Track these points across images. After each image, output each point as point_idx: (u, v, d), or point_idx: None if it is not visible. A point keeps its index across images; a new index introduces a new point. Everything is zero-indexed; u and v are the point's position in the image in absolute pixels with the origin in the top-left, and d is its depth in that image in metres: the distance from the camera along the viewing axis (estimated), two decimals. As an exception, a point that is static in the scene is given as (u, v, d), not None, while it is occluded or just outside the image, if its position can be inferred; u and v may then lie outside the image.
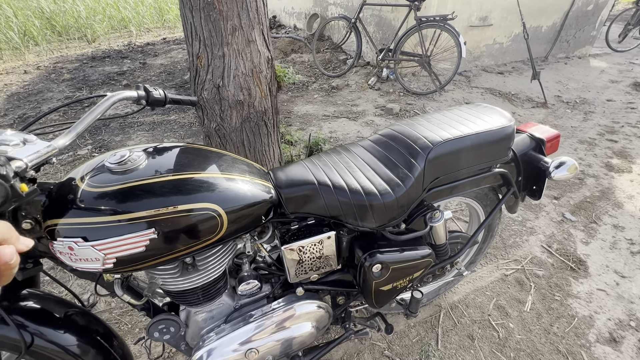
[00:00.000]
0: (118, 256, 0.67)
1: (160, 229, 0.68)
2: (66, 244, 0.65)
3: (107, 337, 0.91)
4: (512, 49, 4.76)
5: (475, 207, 1.33)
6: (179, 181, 0.72)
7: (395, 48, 3.81)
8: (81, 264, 0.68)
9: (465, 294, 1.65)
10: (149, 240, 0.68)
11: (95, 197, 0.67)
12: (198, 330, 0.98)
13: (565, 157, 1.14)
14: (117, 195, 0.67)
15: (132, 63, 5.22)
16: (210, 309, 0.97)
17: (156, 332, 0.91)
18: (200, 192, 0.73)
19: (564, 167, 1.11)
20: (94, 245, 0.65)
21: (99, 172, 0.71)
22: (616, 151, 2.86)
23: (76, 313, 0.87)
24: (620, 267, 1.78)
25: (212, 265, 0.85)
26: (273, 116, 1.87)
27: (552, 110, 3.66)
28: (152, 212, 0.67)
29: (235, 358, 0.93)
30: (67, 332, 0.82)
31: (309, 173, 0.95)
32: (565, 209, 2.20)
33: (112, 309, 1.57)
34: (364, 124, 3.26)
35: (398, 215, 0.95)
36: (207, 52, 1.57)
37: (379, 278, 0.97)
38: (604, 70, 4.88)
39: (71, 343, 0.82)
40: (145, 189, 0.69)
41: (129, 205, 0.67)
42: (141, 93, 0.85)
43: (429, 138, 0.97)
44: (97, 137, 3.08)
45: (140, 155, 0.74)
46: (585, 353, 1.39)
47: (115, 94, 0.78)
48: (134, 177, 0.70)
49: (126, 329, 1.48)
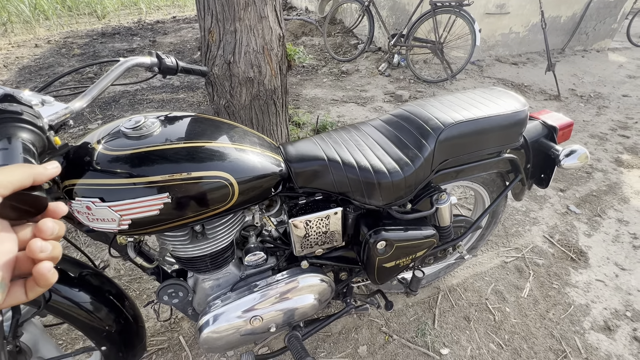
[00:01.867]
0: (133, 218, 0.70)
1: (174, 194, 0.70)
2: (84, 204, 0.67)
3: (119, 297, 0.96)
4: (528, 39, 4.64)
5: (482, 192, 1.34)
6: (192, 149, 0.74)
7: (408, 34, 3.74)
8: (98, 224, 0.70)
9: (464, 278, 1.67)
10: (163, 204, 0.70)
11: (111, 160, 0.68)
12: (205, 297, 1.02)
13: (577, 145, 1.12)
14: (132, 159, 0.69)
15: (141, 40, 5.20)
16: (217, 277, 1.00)
17: (165, 296, 0.95)
18: (213, 161, 0.74)
19: (575, 155, 1.09)
20: (110, 206, 0.67)
21: (114, 136, 0.72)
22: (627, 147, 2.82)
23: (90, 274, 0.91)
24: (621, 260, 1.79)
25: (221, 235, 0.88)
26: (282, 95, 1.87)
27: (565, 103, 3.60)
28: (167, 177, 0.69)
29: (239, 324, 0.97)
30: (82, 291, 0.87)
31: (319, 149, 0.96)
32: (571, 201, 2.20)
33: (121, 276, 1.63)
34: (373, 110, 3.24)
35: (405, 194, 0.96)
36: (219, 27, 1.57)
37: (382, 255, 0.99)
38: (622, 65, 4.74)
39: (85, 300, 0.87)
40: (160, 154, 0.70)
41: (144, 170, 0.68)
42: (154, 60, 0.86)
43: (440, 119, 0.96)
44: (107, 112, 3.12)
45: (155, 122, 0.76)
46: (578, 339, 1.42)
47: (128, 59, 0.79)
48: (148, 143, 0.71)
49: (134, 295, 1.54)
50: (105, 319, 0.89)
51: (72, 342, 1.35)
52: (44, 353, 0.94)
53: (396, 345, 1.39)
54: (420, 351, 1.37)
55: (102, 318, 0.89)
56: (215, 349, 1.00)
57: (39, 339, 0.93)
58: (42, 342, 0.94)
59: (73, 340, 1.35)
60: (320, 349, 1.37)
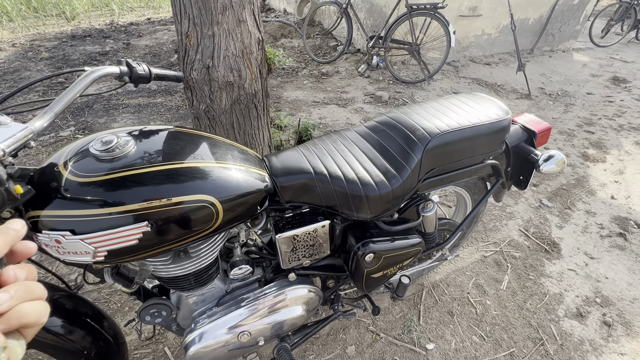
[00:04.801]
0: (109, 249, 0.65)
1: (154, 221, 0.66)
2: (53, 237, 0.61)
3: (96, 317, 0.91)
4: (499, 40, 4.82)
5: (464, 195, 1.38)
6: (171, 171, 0.69)
7: (385, 35, 3.81)
8: (70, 257, 0.65)
9: (447, 274, 1.73)
10: (142, 233, 0.66)
11: (81, 186, 0.62)
12: (190, 313, 0.99)
13: (554, 150, 1.15)
14: (106, 185, 0.63)
15: (115, 43, 5.03)
16: (202, 292, 0.98)
17: (148, 316, 0.91)
18: (195, 183, 0.70)
19: (553, 160, 1.12)
20: (83, 239, 0.61)
21: (83, 157, 0.66)
22: (592, 142, 2.99)
23: (62, 296, 0.86)
24: (590, 249, 1.89)
25: (205, 253, 0.85)
26: (263, 99, 1.87)
27: (535, 101, 3.77)
28: (145, 204, 0.64)
29: (227, 340, 0.95)
30: (53, 316, 0.81)
31: (304, 161, 0.94)
32: (543, 195, 2.31)
33: (100, 289, 1.57)
34: (353, 111, 3.28)
35: (393, 206, 0.96)
36: (196, 31, 1.55)
37: (370, 266, 0.99)
38: (585, 64, 5.02)
39: (58, 325, 0.81)
40: (136, 179, 0.65)
41: (120, 197, 0.63)
42: (123, 69, 0.81)
43: (427, 129, 0.96)
44: (80, 118, 2.99)
45: (128, 140, 0.70)
46: (554, 326, 1.49)
47: (95, 69, 0.73)
48: (123, 166, 0.66)
49: (115, 308, 1.49)
50: (82, 342, 0.84)
51: (49, 360, 1.29)
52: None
53: (383, 343, 1.41)
54: (407, 347, 1.40)
55: (78, 341, 0.84)
56: None
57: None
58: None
59: None
60: (309, 351, 1.38)
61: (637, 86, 4.25)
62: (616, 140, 3.01)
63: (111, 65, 0.79)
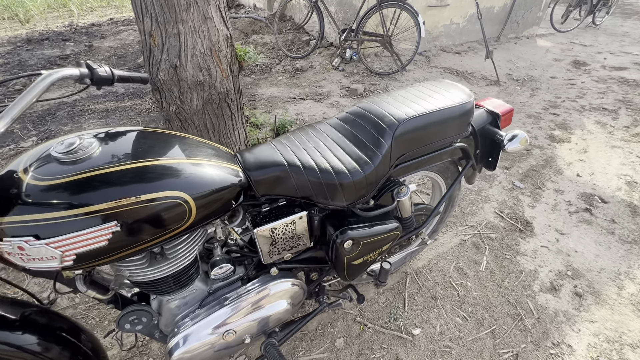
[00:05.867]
0: (78, 252, 0.63)
1: (124, 221, 0.64)
2: (15, 244, 0.59)
3: (73, 331, 0.87)
4: (468, 29, 4.95)
5: (438, 179, 1.42)
6: (140, 169, 0.68)
7: (357, 28, 3.82)
8: (36, 264, 0.62)
9: (429, 259, 1.77)
10: (112, 234, 0.64)
11: (44, 190, 0.60)
12: (172, 318, 0.97)
13: (517, 130, 1.22)
14: (70, 187, 0.61)
15: (76, 46, 4.77)
16: (184, 295, 0.95)
17: (127, 324, 0.89)
18: (165, 180, 0.69)
19: (516, 139, 1.19)
20: (48, 244, 0.59)
21: (44, 162, 0.64)
22: (558, 124, 3.13)
23: (34, 312, 0.82)
24: (560, 225, 2.00)
25: (182, 253, 0.83)
26: (236, 97, 1.83)
27: (504, 87, 3.91)
28: (113, 203, 0.62)
29: (212, 340, 0.93)
30: (26, 333, 0.77)
31: (277, 154, 0.94)
32: (515, 177, 2.40)
33: (76, 305, 1.50)
34: (330, 105, 3.28)
35: (367, 192, 0.98)
36: (160, 30, 1.49)
37: (350, 253, 1.01)
38: (548, 49, 5.24)
39: (31, 342, 0.77)
40: (103, 179, 0.63)
41: (85, 198, 0.61)
42: (84, 71, 0.78)
43: (394, 115, 0.99)
44: (42, 127, 2.83)
45: (92, 142, 0.68)
46: (530, 302, 1.57)
47: (53, 72, 0.70)
48: (87, 167, 0.64)
49: (94, 323, 1.44)
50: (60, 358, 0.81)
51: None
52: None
53: (371, 333, 1.44)
54: (394, 335, 1.43)
55: (56, 358, 0.80)
56: None
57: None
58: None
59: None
60: (298, 348, 1.38)
61: (596, 68, 4.49)
62: (579, 121, 3.18)
63: (70, 68, 0.76)
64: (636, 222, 2.01)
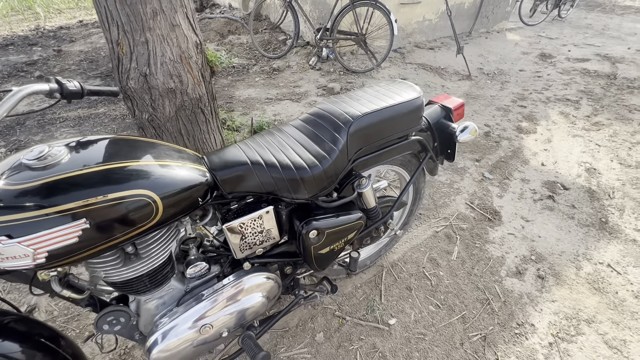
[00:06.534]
0: (49, 250, 0.66)
1: (92, 219, 0.68)
2: None
3: (53, 338, 0.89)
4: (440, 25, 5.07)
5: (402, 173, 1.49)
6: (107, 171, 0.72)
7: (332, 27, 3.86)
8: (9, 263, 0.66)
9: (404, 252, 1.85)
10: (82, 231, 0.68)
11: (15, 195, 0.64)
12: (151, 318, 1.00)
13: (468, 122, 1.32)
14: (39, 190, 0.65)
15: (43, 51, 4.60)
16: (161, 295, 0.99)
17: (105, 325, 0.91)
18: (132, 180, 0.73)
19: (467, 130, 1.29)
20: (20, 242, 0.63)
21: (16, 170, 0.67)
22: (525, 115, 3.28)
23: (14, 320, 0.84)
24: (525, 213, 2.12)
25: (155, 252, 0.87)
26: (209, 102, 1.85)
27: (475, 82, 4.05)
28: (81, 202, 0.67)
29: (190, 336, 0.97)
30: (6, 340, 0.79)
31: (242, 154, 1.00)
32: (485, 169, 2.52)
33: (55, 318, 1.50)
34: (307, 105, 3.31)
35: (328, 184, 1.06)
36: (127, 39, 1.49)
37: (316, 243, 1.08)
38: (517, 43, 5.44)
39: (11, 350, 0.79)
40: (71, 181, 0.68)
41: (54, 199, 0.65)
42: (53, 86, 0.80)
43: (349, 113, 1.07)
44: (11, 137, 2.75)
45: (61, 149, 0.72)
46: (497, 286, 1.67)
47: (22, 88, 0.73)
48: (56, 172, 0.68)
49: (74, 334, 1.44)
50: None
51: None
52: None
53: (350, 326, 1.50)
54: (372, 326, 1.50)
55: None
56: None
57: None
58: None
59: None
60: (280, 345, 1.43)
61: (561, 60, 4.70)
62: (544, 112, 3.34)
63: (39, 83, 0.78)
64: (593, 207, 2.15)
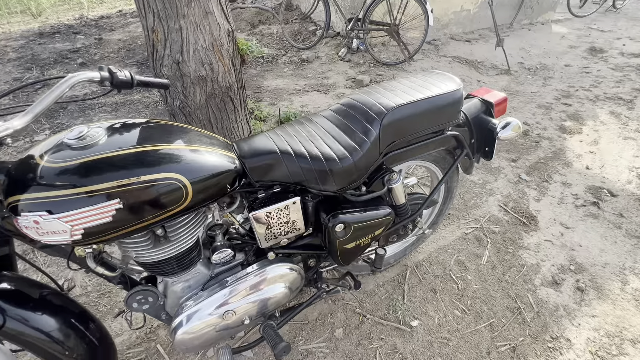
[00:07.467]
0: (85, 227, 0.69)
1: (125, 199, 0.70)
2: (31, 218, 0.66)
3: (84, 320, 0.92)
4: (479, 16, 4.80)
5: (434, 170, 1.42)
6: (141, 153, 0.74)
7: (364, 17, 3.75)
8: (49, 237, 0.69)
9: (429, 253, 1.78)
10: (115, 211, 0.70)
11: (56, 172, 0.68)
12: (177, 300, 1.03)
13: (510, 117, 1.22)
14: (78, 169, 0.68)
15: (86, 39, 4.84)
16: (187, 278, 1.02)
17: (135, 303, 0.96)
18: (164, 163, 0.75)
19: (509, 127, 1.20)
20: (59, 218, 0.66)
21: (58, 148, 0.71)
22: (570, 114, 3.05)
23: (53, 296, 0.88)
24: (565, 219, 1.97)
25: (184, 236, 0.89)
26: (239, 91, 1.85)
27: (514, 77, 3.80)
28: (115, 183, 0.69)
29: (213, 320, 0.99)
30: (43, 314, 0.83)
31: (271, 143, 0.99)
32: (522, 170, 2.37)
33: (88, 293, 1.58)
34: (335, 97, 3.26)
35: (357, 178, 1.02)
36: (162, 26, 1.51)
37: (342, 237, 1.05)
38: (564, 35, 5.04)
39: (46, 325, 0.83)
40: (107, 162, 0.71)
41: (91, 179, 0.68)
42: (105, 74, 0.82)
43: (383, 104, 1.02)
44: (54, 121, 2.91)
45: (99, 131, 0.75)
46: (531, 295, 1.57)
47: (75, 75, 0.76)
48: (94, 152, 0.71)
49: (105, 310, 1.51)
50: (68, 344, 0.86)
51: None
52: (9, 381, 0.91)
53: (370, 324, 1.47)
54: (393, 326, 1.46)
55: (64, 343, 0.85)
56: (191, 348, 1.03)
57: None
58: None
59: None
60: (298, 337, 1.42)
61: (613, 55, 4.31)
62: (592, 111, 3.08)
63: (92, 71, 0.81)
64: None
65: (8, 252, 0.85)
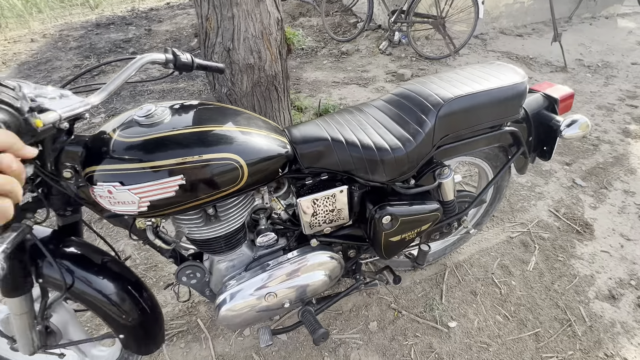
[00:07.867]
0: (151, 200, 0.74)
1: (188, 176, 0.74)
2: (105, 188, 0.71)
3: (138, 287, 0.99)
4: (533, 8, 4.48)
5: (485, 167, 1.35)
6: (201, 133, 0.77)
7: (408, 9, 3.63)
8: (119, 207, 0.75)
9: (470, 254, 1.71)
10: (178, 186, 0.74)
11: (127, 147, 0.72)
12: (221, 278, 1.07)
13: (578, 114, 1.12)
14: (147, 145, 0.73)
15: (137, 30, 5.12)
16: (232, 258, 1.05)
17: (184, 277, 1.01)
18: (223, 144, 0.78)
19: (576, 125, 1.10)
20: (130, 189, 0.71)
21: (128, 125, 0.76)
22: (635, 117, 2.77)
23: (112, 263, 0.95)
24: (626, 230, 1.80)
25: (233, 216, 0.93)
26: (283, 80, 1.87)
27: (571, 74, 3.52)
28: (180, 160, 0.73)
29: (255, 301, 1.02)
30: (104, 279, 0.90)
31: (322, 130, 0.98)
32: (577, 174, 2.19)
33: (137, 265, 1.69)
34: (375, 91, 3.20)
35: (408, 170, 0.99)
36: (216, 14, 1.55)
37: (388, 229, 1.03)
38: (631, 31, 4.58)
39: (106, 288, 0.90)
40: (172, 139, 0.75)
41: (159, 155, 0.73)
42: (169, 56, 0.87)
43: (440, 95, 0.98)
44: (108, 105, 3.12)
45: (165, 110, 0.79)
46: (583, 308, 1.46)
47: (143, 56, 0.81)
48: (161, 129, 0.75)
49: (151, 282, 1.60)
50: (124, 308, 0.92)
51: (97, 327, 1.42)
52: (72, 336, 1.00)
53: (405, 320, 1.44)
54: (429, 325, 1.42)
55: (121, 306, 0.92)
56: (232, 325, 1.06)
57: (69, 322, 0.98)
58: (71, 326, 0.99)
59: (98, 326, 1.42)
60: (332, 326, 1.43)
61: (691, 53, 3.85)
62: (662, 114, 2.78)
63: (158, 52, 0.87)
64: None
65: (78, 219, 0.92)
